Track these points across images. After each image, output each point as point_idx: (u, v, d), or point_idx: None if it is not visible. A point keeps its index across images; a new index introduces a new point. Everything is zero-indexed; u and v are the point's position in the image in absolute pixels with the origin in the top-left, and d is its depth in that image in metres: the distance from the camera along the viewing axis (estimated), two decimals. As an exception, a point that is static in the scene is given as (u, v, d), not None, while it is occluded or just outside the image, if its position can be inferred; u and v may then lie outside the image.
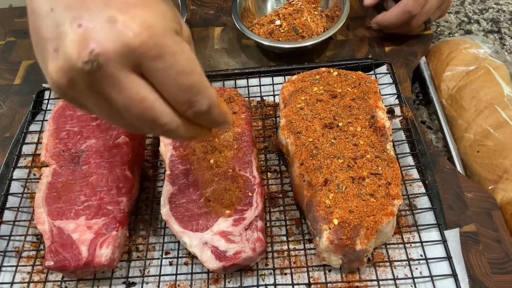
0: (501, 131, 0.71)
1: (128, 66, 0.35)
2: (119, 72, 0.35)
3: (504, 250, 0.61)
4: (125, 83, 0.36)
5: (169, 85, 0.37)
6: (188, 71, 0.37)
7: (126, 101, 0.37)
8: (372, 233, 0.55)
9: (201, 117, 0.41)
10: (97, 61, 0.34)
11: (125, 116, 0.38)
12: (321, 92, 0.69)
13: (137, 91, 0.36)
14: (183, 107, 0.39)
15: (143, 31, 0.34)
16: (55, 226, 0.60)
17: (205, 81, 0.39)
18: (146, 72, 0.36)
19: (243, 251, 0.57)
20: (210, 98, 0.40)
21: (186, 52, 0.37)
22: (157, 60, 0.35)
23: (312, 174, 0.60)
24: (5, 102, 0.86)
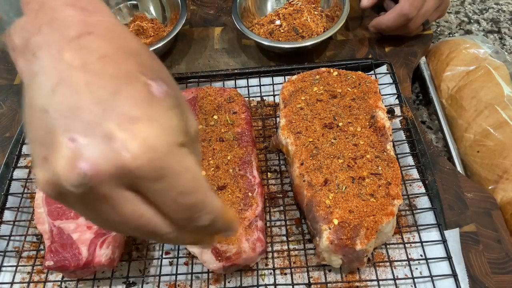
0: (501, 131, 0.71)
1: (123, 187, 0.32)
2: (112, 192, 0.32)
3: (504, 250, 0.61)
4: (119, 201, 0.33)
5: (169, 205, 0.34)
6: (190, 191, 0.33)
7: (120, 218, 0.34)
8: (372, 233, 0.55)
9: (203, 230, 0.38)
10: (88, 184, 0.30)
11: (122, 229, 0.36)
12: (321, 92, 0.69)
13: (132, 209, 0.33)
14: (184, 223, 0.36)
15: (143, 154, 0.31)
16: (55, 226, 0.60)
17: (209, 196, 0.36)
18: (144, 193, 0.33)
19: (243, 251, 0.57)
20: (213, 213, 0.36)
21: (190, 170, 0.34)
22: (157, 182, 0.32)
23: (312, 174, 0.60)
24: (5, 102, 0.86)
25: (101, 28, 0.35)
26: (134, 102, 0.32)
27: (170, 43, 0.86)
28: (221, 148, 0.66)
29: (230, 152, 0.65)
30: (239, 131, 0.68)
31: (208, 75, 0.82)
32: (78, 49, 0.33)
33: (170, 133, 0.33)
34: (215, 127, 0.68)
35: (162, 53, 0.89)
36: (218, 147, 0.66)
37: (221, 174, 0.63)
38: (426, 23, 0.84)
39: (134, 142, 0.30)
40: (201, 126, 0.68)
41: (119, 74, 0.33)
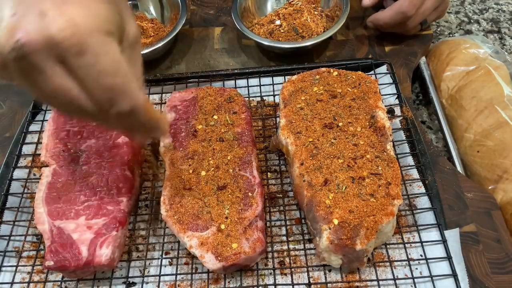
0: (501, 131, 0.71)
1: (53, 58, 0.37)
2: (44, 62, 0.37)
3: (504, 250, 0.61)
4: (50, 73, 0.38)
5: (90, 82, 0.39)
6: (110, 72, 0.39)
7: (52, 90, 0.39)
8: (372, 233, 0.55)
9: (126, 119, 0.43)
10: (22, 49, 0.36)
11: (54, 102, 0.41)
12: (321, 92, 0.69)
13: (61, 82, 0.39)
14: (105, 106, 0.40)
15: (68, 28, 0.36)
16: (55, 226, 0.60)
17: (131, 85, 0.41)
18: (70, 67, 0.38)
19: (243, 251, 0.57)
20: (133, 100, 0.41)
21: (111, 53, 0.39)
22: (79, 57, 0.37)
23: (312, 174, 0.60)
24: (5, 102, 0.86)
25: None
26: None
27: (170, 43, 0.86)
28: (221, 148, 0.66)
29: (230, 152, 0.65)
30: (239, 131, 0.68)
31: (208, 75, 0.82)
32: None
33: (97, 18, 0.38)
34: (215, 127, 0.68)
35: (162, 53, 0.89)
36: (218, 147, 0.66)
37: (221, 174, 0.63)
38: (424, 23, 0.84)
39: (61, 18, 0.36)
40: (201, 126, 0.68)
41: None
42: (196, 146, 0.66)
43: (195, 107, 0.71)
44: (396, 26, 0.83)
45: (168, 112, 0.71)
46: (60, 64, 0.38)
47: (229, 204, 0.60)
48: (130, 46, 0.44)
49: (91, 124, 0.70)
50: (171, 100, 0.72)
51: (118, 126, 0.46)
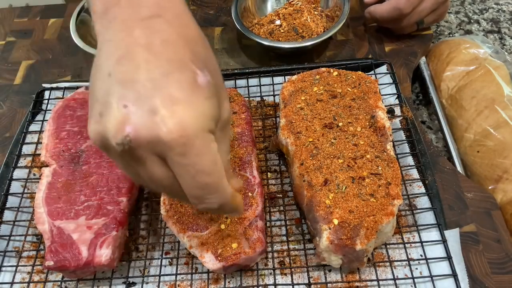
0: (501, 131, 0.71)
1: (155, 154, 0.39)
2: (146, 155, 0.39)
3: (504, 250, 0.61)
4: (150, 164, 0.40)
5: (187, 179, 0.40)
6: (207, 171, 0.40)
7: (148, 177, 0.41)
8: (372, 233, 0.55)
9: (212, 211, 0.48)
10: (129, 144, 0.38)
11: (148, 186, 0.44)
12: (321, 92, 0.69)
13: (158, 172, 0.41)
14: (195, 201, 0.42)
15: (176, 130, 0.37)
16: (55, 226, 0.60)
17: (223, 183, 0.42)
18: (170, 162, 0.39)
19: (243, 251, 0.57)
20: (223, 199, 0.43)
21: (211, 153, 0.40)
22: (182, 157, 0.38)
23: (312, 174, 0.60)
24: (5, 102, 0.86)
25: (170, 13, 0.42)
26: (180, 86, 0.38)
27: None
28: (221, 148, 0.66)
29: (230, 152, 0.65)
30: (239, 131, 0.68)
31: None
32: (146, 29, 0.40)
33: (203, 119, 0.39)
34: (215, 127, 0.68)
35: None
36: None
37: (221, 174, 0.63)
38: (421, 23, 0.84)
39: (171, 120, 0.37)
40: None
41: (174, 59, 0.39)
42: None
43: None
44: (391, 22, 0.83)
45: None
46: (160, 158, 0.40)
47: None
48: (222, 127, 0.44)
49: None
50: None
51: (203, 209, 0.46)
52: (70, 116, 0.71)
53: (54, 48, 0.95)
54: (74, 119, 0.71)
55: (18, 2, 1.06)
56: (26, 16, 1.02)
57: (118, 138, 0.37)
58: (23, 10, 1.03)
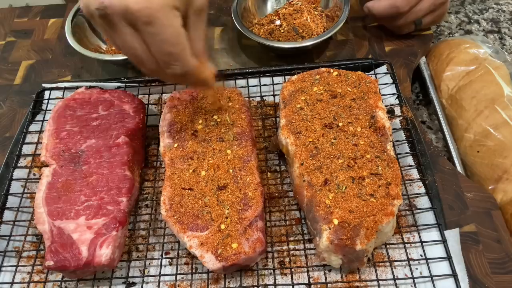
0: (501, 131, 0.71)
1: (126, 22, 0.48)
2: (119, 23, 0.49)
3: (504, 250, 0.61)
4: (122, 31, 0.49)
5: (153, 46, 0.50)
6: (170, 41, 0.49)
7: (121, 44, 0.51)
8: (372, 233, 0.55)
9: (179, 78, 0.55)
10: (104, 10, 0.48)
11: (124, 52, 0.53)
12: (321, 92, 0.69)
13: (130, 40, 0.50)
14: (163, 66, 0.52)
15: (141, 1, 0.47)
16: (55, 226, 0.60)
17: (185, 54, 0.52)
18: (139, 31, 0.49)
19: (243, 251, 0.57)
20: (186, 67, 0.52)
21: (173, 26, 0.49)
22: (147, 26, 0.48)
23: (312, 174, 0.60)
24: (5, 102, 0.86)
25: None
26: None
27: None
28: (221, 148, 0.66)
29: (230, 152, 0.65)
30: (239, 131, 0.68)
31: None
32: None
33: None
34: (215, 127, 0.68)
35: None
36: (218, 147, 0.66)
37: (221, 174, 0.63)
38: (418, 23, 0.84)
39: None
40: (201, 126, 0.68)
41: None
42: (196, 146, 0.66)
43: (195, 107, 0.71)
44: (388, 19, 0.84)
45: (168, 112, 0.71)
46: (131, 27, 0.49)
47: (229, 204, 0.60)
48: (195, 13, 0.53)
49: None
50: (171, 100, 0.72)
51: (173, 81, 0.60)
52: (70, 116, 0.71)
53: (54, 48, 0.95)
54: (74, 119, 0.71)
55: (18, 2, 1.06)
56: (26, 16, 1.02)
57: (95, 4, 0.48)
58: (23, 10, 1.03)
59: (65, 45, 0.95)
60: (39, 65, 0.92)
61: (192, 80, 0.56)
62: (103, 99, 0.74)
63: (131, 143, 0.68)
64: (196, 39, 0.54)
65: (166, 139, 0.68)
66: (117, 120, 0.70)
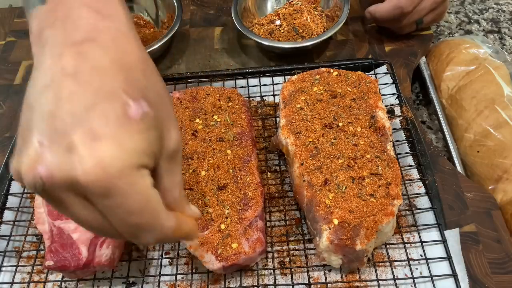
0: (501, 131, 0.71)
1: (74, 195, 0.34)
2: (64, 196, 0.34)
3: (504, 250, 0.61)
4: (73, 206, 0.35)
5: (115, 220, 0.36)
6: (137, 211, 0.36)
7: (74, 218, 0.37)
8: (372, 233, 0.55)
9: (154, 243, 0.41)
10: (42, 185, 0.33)
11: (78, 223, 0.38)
12: (321, 92, 0.69)
13: (81, 213, 0.36)
14: (129, 238, 0.38)
15: (94, 171, 0.33)
16: (55, 226, 0.60)
17: (159, 219, 0.38)
18: (94, 203, 0.35)
19: (243, 251, 0.57)
20: (160, 235, 0.39)
21: (140, 192, 0.35)
22: (104, 199, 0.34)
23: (312, 174, 0.60)
24: (5, 102, 0.86)
25: (106, 36, 0.37)
26: (105, 121, 0.33)
27: (167, 44, 0.86)
28: (221, 148, 0.66)
29: (230, 152, 0.65)
30: (239, 131, 0.68)
31: (208, 75, 0.82)
32: (75, 55, 0.35)
33: (130, 155, 0.34)
34: (215, 127, 0.68)
35: (160, 54, 0.89)
36: (218, 147, 0.66)
37: (221, 174, 0.63)
38: (419, 22, 0.84)
39: (89, 159, 0.32)
40: (201, 126, 0.68)
41: (102, 89, 0.34)
42: (196, 146, 0.66)
43: (195, 107, 0.71)
44: (391, 21, 0.83)
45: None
46: (83, 199, 0.35)
47: (229, 204, 0.60)
48: (168, 159, 0.40)
49: None
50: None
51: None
52: (70, 116, 0.71)
53: (54, 48, 0.95)
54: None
55: (18, 2, 1.05)
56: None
57: (29, 179, 0.34)
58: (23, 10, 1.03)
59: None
60: (39, 65, 0.92)
61: (172, 241, 0.45)
62: (103, 99, 0.74)
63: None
64: (171, 187, 0.41)
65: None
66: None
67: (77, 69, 0.35)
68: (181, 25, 0.87)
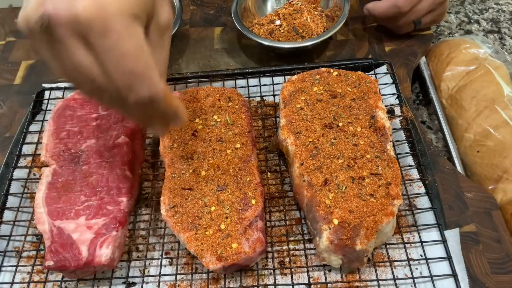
0: (501, 131, 0.71)
1: (76, 34, 0.38)
2: (67, 37, 0.38)
3: (504, 250, 0.61)
4: (72, 48, 0.39)
5: (110, 64, 0.39)
6: (131, 56, 0.39)
7: (72, 66, 0.40)
8: (372, 233, 0.55)
9: (145, 107, 0.42)
10: (47, 22, 0.38)
11: (75, 79, 0.42)
12: (321, 92, 0.69)
13: (82, 59, 0.39)
14: (124, 91, 0.40)
15: (93, 8, 0.37)
16: (55, 226, 0.60)
17: (151, 72, 0.40)
18: (92, 46, 0.38)
19: (243, 251, 0.57)
20: (152, 88, 0.40)
21: (134, 37, 0.39)
22: (101, 38, 0.38)
23: (312, 174, 0.60)
24: (5, 102, 0.86)
25: None
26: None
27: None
28: (221, 148, 0.66)
29: (230, 152, 0.65)
30: (239, 131, 0.68)
31: (208, 75, 0.82)
32: None
33: (125, 2, 0.38)
34: (215, 127, 0.68)
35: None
36: (218, 147, 0.66)
37: (221, 174, 0.63)
38: (418, 23, 0.84)
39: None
40: (201, 126, 0.68)
41: None
42: (196, 146, 0.66)
43: (195, 107, 0.71)
44: (389, 20, 0.84)
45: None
46: (83, 41, 0.39)
47: (229, 204, 0.60)
48: (159, 31, 0.43)
49: (108, 111, 0.70)
50: (171, 100, 0.72)
51: (137, 114, 0.46)
52: (70, 116, 0.71)
53: (54, 48, 0.95)
54: (74, 119, 0.71)
55: (18, 2, 1.05)
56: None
57: (36, 15, 0.38)
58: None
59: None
60: (39, 65, 0.92)
61: (162, 109, 0.44)
62: (103, 99, 0.74)
63: (131, 143, 0.68)
64: (160, 61, 0.44)
65: (166, 139, 0.68)
66: (117, 120, 0.70)
67: None
68: (181, 25, 0.87)
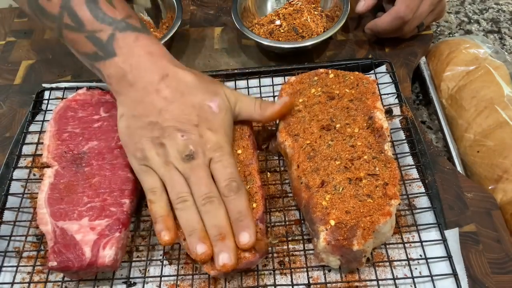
0: (501, 131, 0.71)
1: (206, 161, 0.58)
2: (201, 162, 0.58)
3: (504, 250, 0.61)
4: (199, 169, 0.58)
5: (218, 169, 0.58)
6: (230, 166, 0.58)
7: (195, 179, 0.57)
8: (369, 233, 0.55)
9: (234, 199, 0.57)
10: (192, 155, 0.57)
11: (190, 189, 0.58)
12: (319, 94, 0.69)
13: (206, 175, 0.58)
14: (223, 184, 0.57)
15: (215, 144, 0.59)
16: (58, 227, 0.60)
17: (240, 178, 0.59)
18: (211, 162, 0.59)
19: (244, 256, 0.56)
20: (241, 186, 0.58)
21: (231, 157, 0.60)
22: (216, 154, 0.59)
23: (309, 176, 0.60)
24: (5, 102, 0.86)
25: (170, 70, 0.61)
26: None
27: (167, 44, 0.86)
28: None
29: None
30: (240, 133, 0.67)
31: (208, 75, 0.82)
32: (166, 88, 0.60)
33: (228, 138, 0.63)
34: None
35: (162, 54, 0.89)
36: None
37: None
38: (421, 25, 0.84)
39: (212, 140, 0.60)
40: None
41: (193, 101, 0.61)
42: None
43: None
44: (393, 32, 0.83)
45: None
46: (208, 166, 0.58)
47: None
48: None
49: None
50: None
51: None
52: (71, 117, 0.71)
53: (54, 48, 0.95)
54: (76, 120, 0.71)
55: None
56: (26, 16, 1.02)
57: (185, 152, 0.57)
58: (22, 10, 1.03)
59: (66, 45, 0.94)
60: (39, 65, 0.92)
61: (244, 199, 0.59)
62: (104, 101, 0.74)
63: (131, 144, 0.68)
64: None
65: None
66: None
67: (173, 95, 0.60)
68: (181, 25, 0.87)
